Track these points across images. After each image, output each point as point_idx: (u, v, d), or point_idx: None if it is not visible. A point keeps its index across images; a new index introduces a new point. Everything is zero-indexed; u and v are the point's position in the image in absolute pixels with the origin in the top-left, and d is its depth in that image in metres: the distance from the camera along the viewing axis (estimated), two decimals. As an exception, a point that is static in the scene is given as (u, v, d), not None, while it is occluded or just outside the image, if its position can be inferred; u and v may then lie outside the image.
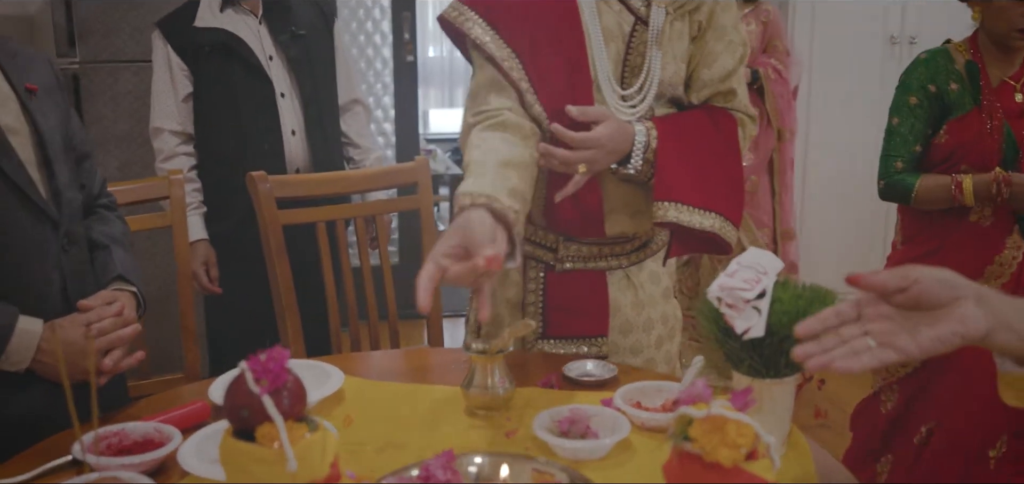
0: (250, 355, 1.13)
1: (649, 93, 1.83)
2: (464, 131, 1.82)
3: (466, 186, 1.57)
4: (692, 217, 1.81)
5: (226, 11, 2.92)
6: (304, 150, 2.98)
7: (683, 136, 1.85)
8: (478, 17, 1.81)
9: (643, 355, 1.99)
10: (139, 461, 1.35)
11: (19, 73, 1.68)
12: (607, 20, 1.81)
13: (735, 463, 1.08)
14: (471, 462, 1.32)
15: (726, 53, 1.89)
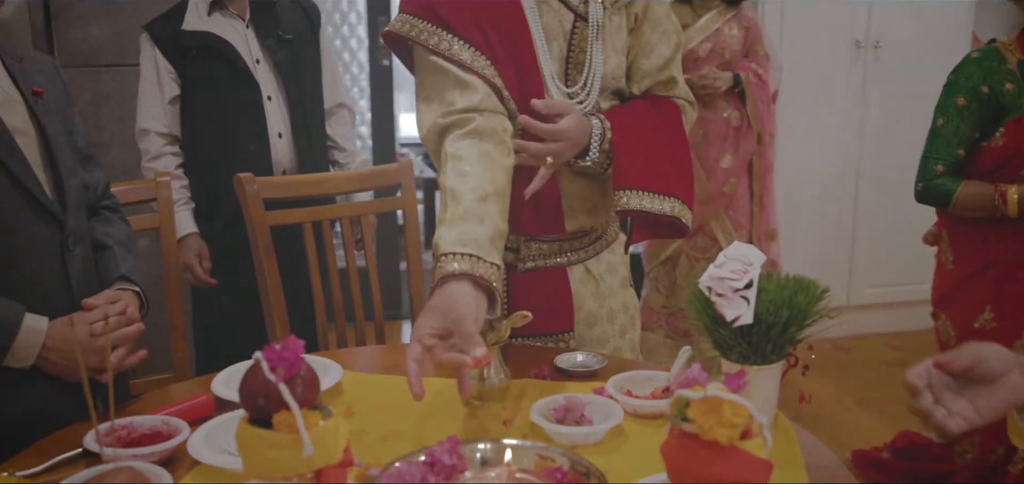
0: (265, 345, 1.18)
1: (593, 88, 1.89)
2: (434, 131, 1.79)
3: (446, 238, 1.57)
4: (652, 203, 1.88)
5: (214, 15, 2.95)
6: (290, 152, 3.02)
7: (634, 126, 1.91)
8: (432, 25, 1.81)
9: (610, 345, 2.05)
10: (150, 452, 1.39)
11: (25, 77, 1.72)
12: (548, 20, 1.85)
13: (731, 441, 1.14)
14: (476, 448, 1.37)
15: (662, 42, 1.96)
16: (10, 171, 1.61)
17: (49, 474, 1.38)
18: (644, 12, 1.95)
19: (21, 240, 1.64)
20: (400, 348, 2.03)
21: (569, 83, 1.88)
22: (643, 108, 1.97)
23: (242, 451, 1.19)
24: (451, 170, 1.68)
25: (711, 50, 3.99)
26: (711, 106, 4.04)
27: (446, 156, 1.72)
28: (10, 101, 1.68)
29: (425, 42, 1.80)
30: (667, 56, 1.98)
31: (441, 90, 1.79)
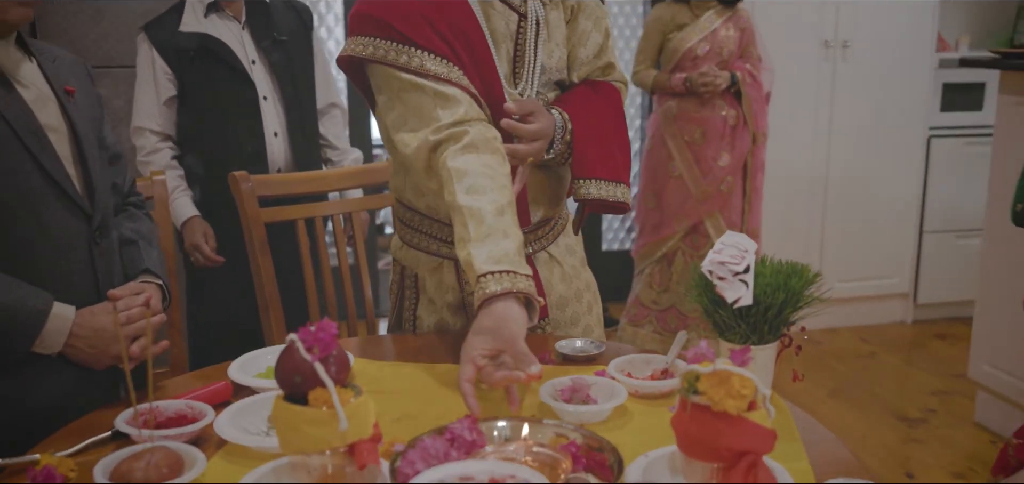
0: (299, 327, 1.25)
1: (535, 83, 1.96)
2: (425, 148, 1.79)
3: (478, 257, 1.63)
4: (609, 190, 1.98)
5: (210, 16, 3.01)
6: (285, 151, 3.08)
7: (587, 117, 1.99)
8: (396, 43, 1.80)
9: (581, 323, 2.14)
10: (180, 433, 1.45)
11: (58, 76, 1.78)
12: (495, 23, 1.90)
13: (739, 412, 1.23)
14: (494, 426, 1.44)
15: (595, 30, 2.05)
16: (42, 166, 1.67)
17: (84, 455, 1.43)
18: (578, 4, 2.03)
19: (51, 232, 1.70)
20: (400, 339, 2.10)
21: (516, 83, 1.94)
22: (590, 96, 2.04)
23: (279, 427, 1.25)
24: (459, 188, 1.70)
25: (709, 50, 4.11)
26: (709, 105, 4.16)
27: (449, 173, 1.73)
28: (44, 99, 1.74)
29: (394, 61, 1.80)
30: (600, 42, 2.06)
31: (422, 109, 1.80)
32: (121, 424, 1.49)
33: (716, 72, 4.10)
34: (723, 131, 4.20)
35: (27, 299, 1.64)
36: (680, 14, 4.19)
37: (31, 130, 1.67)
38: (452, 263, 2.03)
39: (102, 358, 1.71)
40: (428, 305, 2.08)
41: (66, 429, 1.56)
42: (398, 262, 2.14)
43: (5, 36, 1.71)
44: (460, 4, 1.85)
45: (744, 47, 4.22)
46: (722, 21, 4.14)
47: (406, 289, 2.13)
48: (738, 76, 4.15)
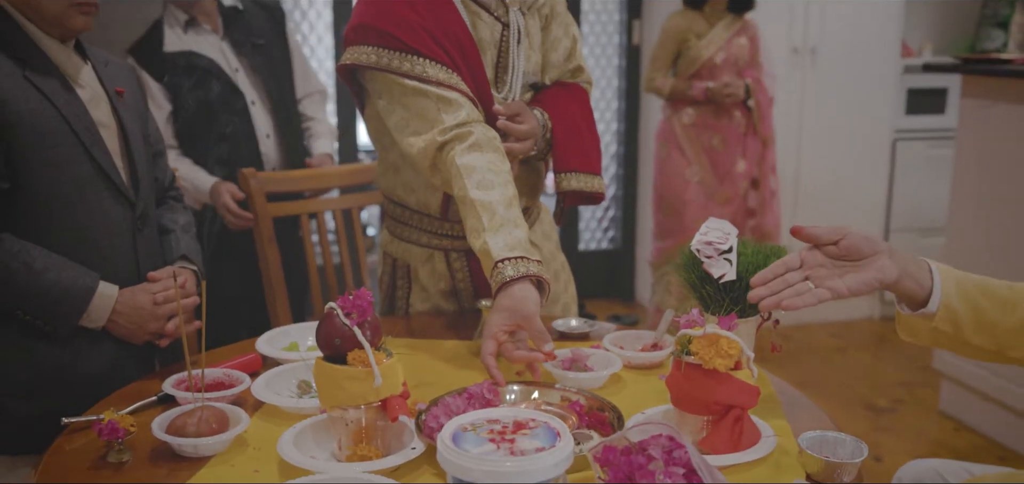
0: (339, 296, 1.41)
1: (516, 88, 2.12)
2: (431, 148, 1.91)
3: (495, 245, 1.78)
4: (587, 181, 2.16)
5: (189, 32, 3.09)
6: (277, 150, 3.21)
7: (563, 116, 2.16)
8: (399, 52, 1.93)
9: (560, 301, 2.31)
10: (223, 395, 1.61)
11: (110, 78, 1.93)
12: (482, 32, 2.06)
13: (727, 369, 1.40)
14: (508, 390, 1.61)
15: (565, 37, 2.23)
16: (94, 158, 1.83)
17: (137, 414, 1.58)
18: (551, 12, 2.20)
19: (99, 219, 1.85)
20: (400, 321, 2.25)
21: (500, 87, 2.10)
22: (564, 97, 2.21)
23: (319, 384, 1.42)
24: (470, 183, 1.85)
25: (725, 59, 4.23)
26: (726, 114, 4.28)
27: (458, 170, 1.86)
28: (97, 98, 1.89)
29: (398, 69, 1.93)
30: (569, 47, 2.24)
31: (426, 112, 1.93)
32: (168, 387, 1.65)
33: (737, 83, 4.21)
34: (739, 138, 4.33)
35: (77, 278, 1.79)
36: (696, 23, 4.28)
37: (86, 126, 1.83)
38: (442, 253, 2.19)
39: (140, 333, 1.87)
40: (421, 293, 2.23)
41: (115, 395, 1.72)
42: (389, 255, 2.29)
43: (66, 41, 1.86)
44: (453, 15, 2.00)
45: (753, 55, 4.34)
46: (735, 30, 4.26)
47: (398, 280, 2.28)
48: (751, 84, 4.27)
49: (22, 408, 1.81)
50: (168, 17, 3.11)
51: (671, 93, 4.34)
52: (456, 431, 1.20)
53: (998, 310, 1.46)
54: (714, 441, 1.40)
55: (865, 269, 1.45)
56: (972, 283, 1.48)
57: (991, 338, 1.47)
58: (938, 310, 1.45)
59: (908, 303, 1.50)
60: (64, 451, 1.52)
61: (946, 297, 1.45)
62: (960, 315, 1.46)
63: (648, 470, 1.13)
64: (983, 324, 1.46)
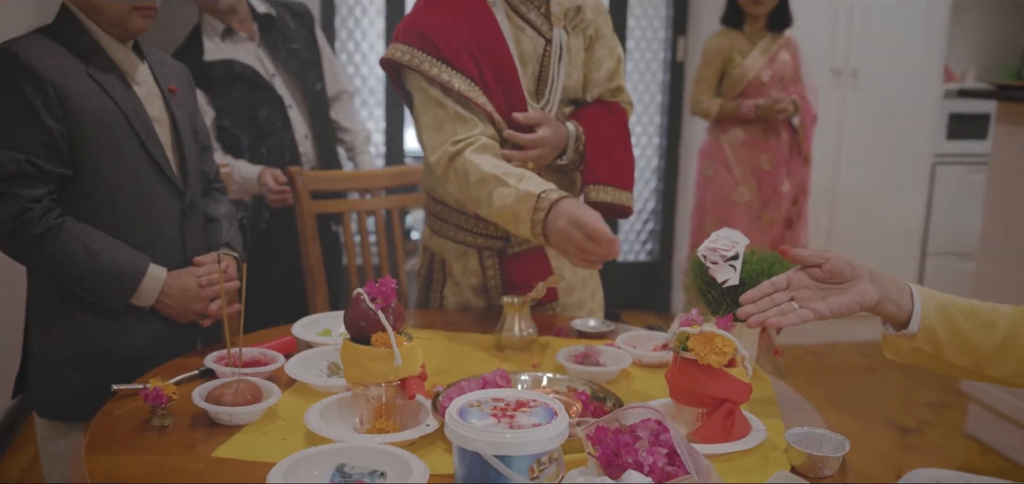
0: (367, 283, 1.54)
1: (555, 101, 2.25)
2: (445, 157, 2.09)
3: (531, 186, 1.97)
4: (617, 195, 2.28)
5: (227, 41, 3.24)
6: (314, 150, 3.37)
7: (598, 130, 2.29)
8: (431, 57, 2.10)
9: (586, 307, 2.42)
10: (258, 372, 1.75)
11: (164, 77, 2.09)
12: (524, 45, 2.21)
13: (720, 366, 1.51)
14: (519, 378, 1.73)
15: (609, 58, 2.35)
16: (148, 150, 1.98)
17: (180, 386, 1.72)
18: (596, 33, 2.33)
19: (151, 206, 2.01)
20: (425, 314, 2.38)
21: (538, 98, 2.24)
22: (602, 114, 2.34)
23: (345, 362, 1.55)
24: (485, 162, 2.03)
25: (772, 76, 4.26)
26: (774, 133, 4.32)
27: (470, 164, 2.05)
28: (153, 95, 2.05)
29: (426, 72, 2.09)
30: (612, 68, 2.36)
31: (443, 122, 2.11)
32: (209, 362, 1.80)
33: (786, 99, 4.24)
34: (784, 156, 4.37)
35: (130, 260, 1.95)
36: (738, 42, 4.33)
37: (141, 121, 1.98)
38: (476, 251, 2.32)
39: (185, 313, 2.01)
40: (453, 287, 2.37)
41: (160, 368, 1.88)
42: (428, 249, 2.43)
43: (125, 42, 2.01)
44: (493, 29, 2.15)
45: (796, 71, 4.36)
46: (777, 46, 4.30)
47: (434, 273, 2.41)
48: (797, 101, 4.30)
49: (77, 378, 1.97)
50: (206, 26, 3.25)
51: (719, 114, 4.36)
52: (463, 407, 1.32)
53: (978, 331, 1.55)
54: (706, 432, 1.51)
55: (847, 292, 1.54)
56: (955, 306, 1.56)
57: (971, 358, 1.56)
58: (919, 331, 1.54)
59: (892, 324, 1.59)
60: (112, 415, 1.66)
61: (926, 319, 1.54)
62: (940, 336, 1.54)
63: (633, 448, 1.24)
64: (963, 344, 1.55)
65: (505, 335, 2.00)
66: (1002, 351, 1.55)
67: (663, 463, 1.24)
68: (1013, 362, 1.55)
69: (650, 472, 1.22)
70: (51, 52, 1.91)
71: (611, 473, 1.24)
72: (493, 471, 1.24)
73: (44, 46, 1.91)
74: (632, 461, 1.23)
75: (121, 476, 1.45)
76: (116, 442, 1.56)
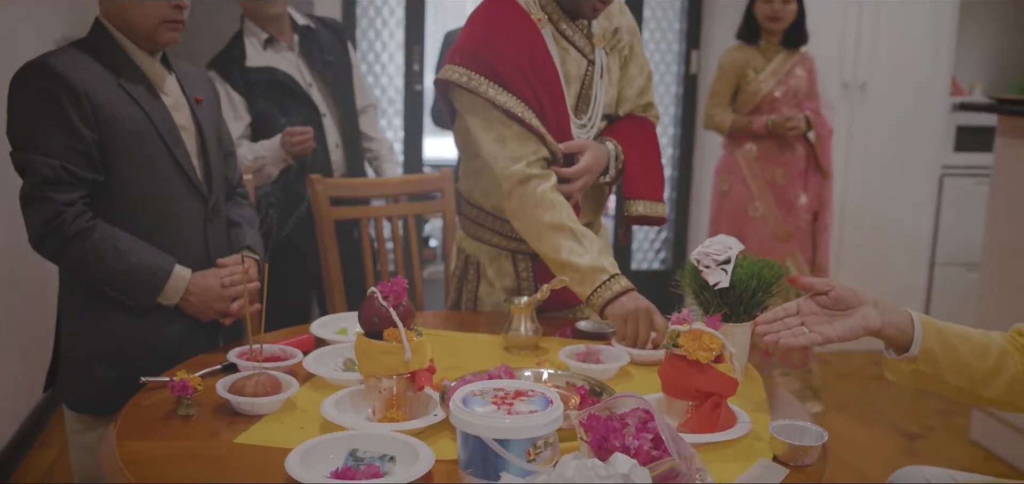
0: (380, 282, 1.66)
1: (597, 118, 2.37)
2: (517, 175, 2.19)
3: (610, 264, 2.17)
4: (652, 208, 2.40)
5: (268, 50, 3.38)
6: (343, 159, 3.49)
7: (634, 146, 2.41)
8: (487, 79, 2.20)
9: None
10: (277, 365, 1.87)
11: (190, 87, 2.22)
12: (569, 66, 2.32)
13: (707, 361, 1.62)
14: (522, 373, 1.84)
15: (640, 75, 2.49)
16: (175, 157, 2.11)
17: (205, 378, 1.84)
18: (630, 52, 2.46)
19: (177, 210, 2.13)
20: (439, 315, 2.49)
21: (580, 115, 2.35)
22: (635, 129, 2.46)
23: (359, 356, 1.67)
24: (564, 214, 2.19)
25: (785, 92, 4.32)
26: (788, 147, 4.37)
27: (546, 200, 2.19)
28: (180, 104, 2.18)
29: (484, 94, 2.20)
30: (643, 85, 2.49)
31: (507, 139, 2.21)
32: (232, 356, 1.92)
33: (798, 115, 4.30)
34: (801, 171, 4.41)
35: (156, 261, 2.07)
36: (753, 58, 4.37)
37: (169, 129, 2.11)
38: (510, 254, 2.43)
39: (208, 312, 2.14)
40: (488, 288, 2.48)
41: (184, 363, 2.00)
42: (462, 251, 2.54)
43: (154, 54, 2.14)
44: (543, 51, 2.27)
45: (810, 87, 4.40)
46: (792, 63, 4.35)
47: (468, 274, 2.52)
48: (810, 116, 4.35)
49: (105, 373, 2.09)
50: (248, 34, 3.38)
51: (732, 128, 4.41)
52: (466, 395, 1.43)
53: (973, 355, 1.67)
54: (694, 423, 1.62)
55: (852, 317, 1.66)
56: (951, 331, 1.68)
57: (967, 379, 1.67)
58: (919, 354, 1.65)
59: (893, 348, 1.70)
60: (140, 406, 1.78)
61: (926, 342, 1.65)
62: (939, 358, 1.65)
63: (621, 434, 1.35)
64: (960, 366, 1.66)
65: (512, 335, 2.11)
66: (993, 374, 1.67)
67: (648, 447, 1.34)
68: (1003, 384, 1.67)
69: (635, 455, 1.32)
70: (85, 64, 2.03)
71: (601, 456, 1.34)
72: (493, 454, 1.35)
73: (78, 59, 2.04)
74: (619, 445, 1.34)
75: (149, 459, 1.57)
76: (144, 429, 1.68)
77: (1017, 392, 1.68)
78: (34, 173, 1.98)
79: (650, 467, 1.32)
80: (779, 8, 4.24)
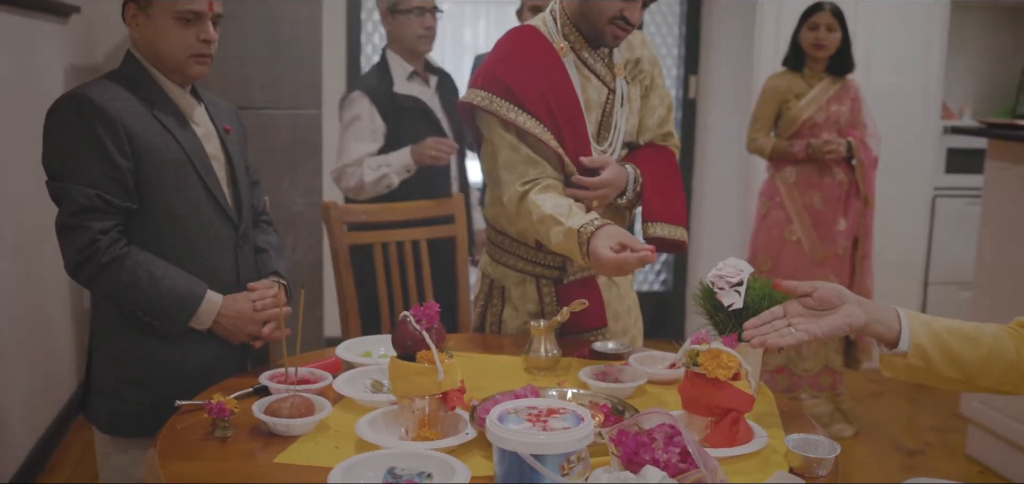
0: (413, 307, 1.73)
1: (617, 145, 2.46)
2: (515, 198, 2.30)
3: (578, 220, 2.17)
4: (671, 231, 2.47)
5: (411, 82, 3.66)
6: (455, 185, 3.74)
7: (654, 172, 2.49)
8: (508, 103, 2.30)
9: (629, 333, 2.61)
10: (310, 388, 1.95)
11: (218, 117, 2.30)
12: (590, 94, 2.41)
13: (726, 378, 1.70)
14: (547, 392, 1.92)
15: (661, 105, 2.58)
16: (207, 185, 2.18)
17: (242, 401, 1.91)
18: (651, 83, 2.56)
19: (209, 237, 2.20)
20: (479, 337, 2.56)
21: (601, 142, 2.44)
22: (655, 157, 2.54)
23: (392, 377, 1.74)
24: (545, 205, 2.24)
25: (825, 118, 4.38)
26: (828, 172, 4.43)
27: (534, 203, 2.26)
28: (210, 134, 2.25)
29: (504, 116, 2.29)
30: (663, 115, 2.58)
31: (516, 164, 2.31)
32: (264, 379, 1.99)
33: (839, 140, 4.36)
34: (840, 196, 4.47)
35: (189, 286, 2.13)
36: (795, 83, 4.44)
37: (201, 158, 2.18)
38: (534, 279, 2.51)
39: (240, 334, 2.20)
40: (512, 311, 2.56)
41: (216, 386, 2.07)
42: (487, 276, 2.62)
43: (184, 86, 2.22)
44: (564, 78, 2.36)
45: (854, 115, 4.46)
46: (835, 90, 4.42)
47: (493, 298, 2.60)
48: (853, 143, 4.40)
49: (138, 396, 2.15)
50: (394, 65, 3.66)
51: (773, 153, 4.48)
52: (502, 413, 1.51)
53: (965, 346, 1.75)
54: (714, 438, 1.69)
55: (836, 314, 1.74)
56: (940, 324, 1.76)
57: (960, 370, 1.75)
58: (909, 349, 1.73)
59: (884, 344, 1.78)
60: (176, 429, 1.85)
61: (915, 337, 1.73)
62: (929, 352, 1.73)
63: (650, 448, 1.43)
64: (952, 358, 1.74)
65: (532, 356, 2.18)
66: (987, 362, 1.74)
67: (676, 460, 1.42)
68: (998, 371, 1.75)
69: (664, 468, 1.40)
70: (120, 95, 2.11)
71: (631, 469, 1.42)
72: (529, 469, 1.43)
73: (114, 90, 2.11)
74: (649, 459, 1.42)
75: (194, 479, 1.64)
76: (185, 450, 1.75)
77: (1011, 380, 1.76)
78: (71, 202, 2.04)
79: (678, 479, 1.40)
80: (824, 36, 4.31)
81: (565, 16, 2.40)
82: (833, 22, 4.32)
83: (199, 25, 2.14)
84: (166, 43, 2.13)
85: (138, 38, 2.16)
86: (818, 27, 4.32)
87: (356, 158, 3.54)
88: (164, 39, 2.13)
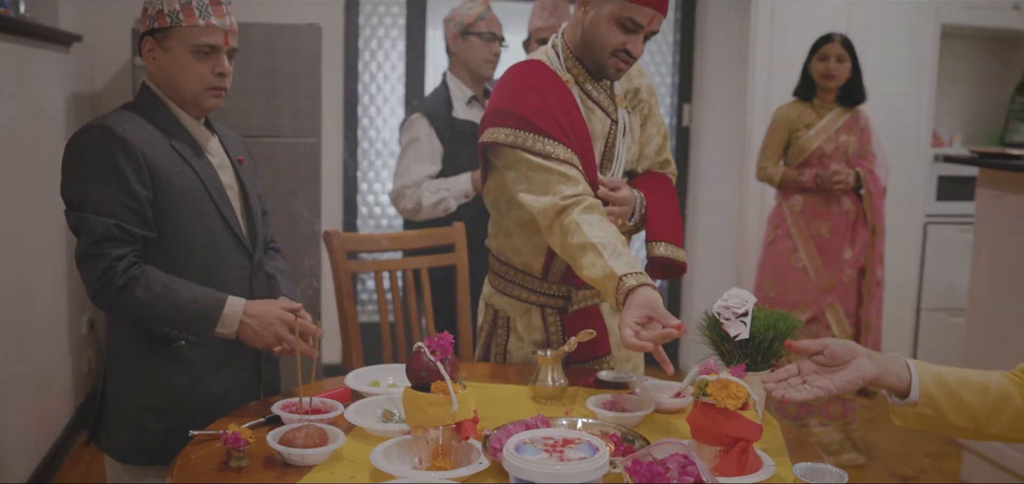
0: (427, 338, 1.76)
1: (619, 174, 2.50)
2: (552, 210, 2.26)
3: (618, 266, 2.12)
4: (673, 251, 2.51)
5: (470, 106, 3.70)
6: None
7: (655, 196, 2.55)
8: (532, 134, 2.32)
9: (631, 361, 2.64)
10: (322, 417, 1.97)
11: (231, 148, 2.34)
12: (594, 124, 2.46)
13: (735, 408, 1.73)
14: (558, 422, 1.95)
15: (657, 134, 2.64)
16: (222, 214, 2.21)
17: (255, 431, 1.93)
18: (649, 112, 2.61)
19: (224, 266, 2.23)
20: (486, 366, 2.59)
21: (604, 171, 2.48)
22: (655, 182, 2.60)
23: (407, 408, 1.77)
24: (590, 232, 2.21)
25: (835, 148, 4.43)
26: (835, 202, 4.48)
27: (577, 224, 2.22)
28: (225, 165, 2.29)
29: (531, 148, 2.30)
30: (660, 143, 2.64)
31: (550, 184, 2.28)
32: (276, 409, 2.02)
33: (847, 171, 4.41)
34: (847, 226, 4.51)
35: (209, 294, 2.14)
36: (805, 113, 4.50)
37: (217, 188, 2.22)
38: (539, 309, 2.54)
39: (267, 334, 2.17)
40: (517, 341, 2.59)
41: (233, 414, 2.09)
42: (490, 306, 2.65)
43: (199, 118, 2.25)
44: (574, 109, 2.40)
45: (863, 145, 4.53)
46: (844, 121, 4.48)
47: (498, 328, 2.63)
48: (862, 173, 4.46)
49: (154, 424, 2.17)
50: (454, 90, 3.71)
51: (781, 181, 4.53)
52: (518, 444, 1.54)
53: (973, 394, 1.79)
54: (724, 467, 1.72)
55: (848, 369, 1.78)
56: (949, 374, 1.80)
57: (970, 418, 1.78)
58: (920, 399, 1.77)
59: (895, 394, 1.82)
60: (190, 458, 1.87)
61: (925, 387, 1.77)
62: (939, 401, 1.77)
63: (665, 478, 1.46)
64: (961, 407, 1.78)
65: (539, 386, 2.21)
66: (996, 410, 1.78)
67: (691, 489, 1.45)
68: (1007, 419, 1.78)
69: (680, 497, 1.43)
70: (139, 126, 2.14)
71: (647, 498, 1.45)
72: (546, 498, 1.46)
73: (133, 121, 2.14)
74: (665, 488, 1.45)
75: (212, 508, 1.66)
76: (201, 480, 1.77)
77: (1020, 428, 1.79)
78: (90, 232, 2.06)
79: (693, 508, 1.43)
80: (833, 67, 4.38)
81: (567, 49, 2.44)
82: (843, 53, 4.39)
83: (215, 58, 2.17)
84: (183, 76, 2.16)
85: (155, 71, 2.19)
86: (828, 58, 4.39)
87: (416, 180, 3.58)
88: (181, 72, 2.16)
